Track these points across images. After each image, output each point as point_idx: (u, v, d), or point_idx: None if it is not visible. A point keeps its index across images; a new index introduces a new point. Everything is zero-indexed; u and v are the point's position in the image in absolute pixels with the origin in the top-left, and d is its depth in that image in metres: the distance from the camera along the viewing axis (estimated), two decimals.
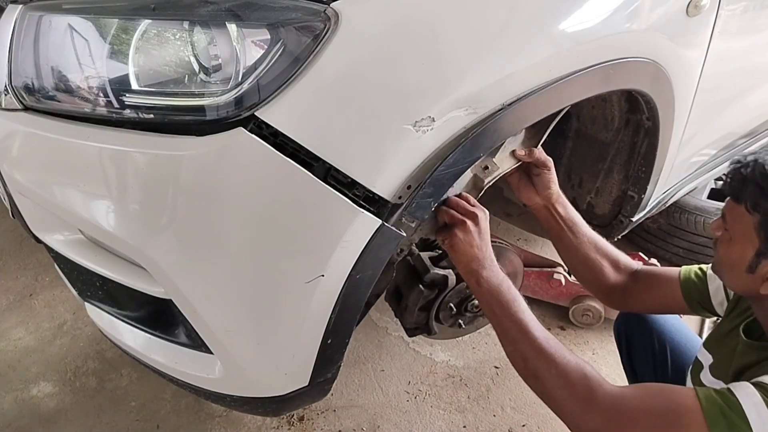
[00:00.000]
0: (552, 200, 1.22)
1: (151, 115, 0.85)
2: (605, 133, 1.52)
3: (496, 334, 1.00)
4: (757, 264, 0.87)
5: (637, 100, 1.29)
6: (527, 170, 1.23)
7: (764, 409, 0.76)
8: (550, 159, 1.20)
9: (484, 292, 1.01)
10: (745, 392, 0.80)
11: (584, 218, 1.19)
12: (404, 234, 0.95)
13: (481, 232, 1.05)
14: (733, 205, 0.91)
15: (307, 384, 1.07)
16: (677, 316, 1.34)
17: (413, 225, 0.95)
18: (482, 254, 1.03)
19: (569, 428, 0.91)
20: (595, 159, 1.59)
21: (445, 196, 1.07)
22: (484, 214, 1.07)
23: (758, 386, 0.80)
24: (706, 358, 1.08)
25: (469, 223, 1.04)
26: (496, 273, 1.02)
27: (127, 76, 0.85)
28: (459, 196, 1.11)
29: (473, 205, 1.08)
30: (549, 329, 1.99)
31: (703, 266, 1.16)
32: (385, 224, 0.91)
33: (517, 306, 0.98)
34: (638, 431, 0.85)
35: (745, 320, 1.02)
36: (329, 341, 1.00)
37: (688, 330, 1.32)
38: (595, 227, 1.67)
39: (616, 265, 1.24)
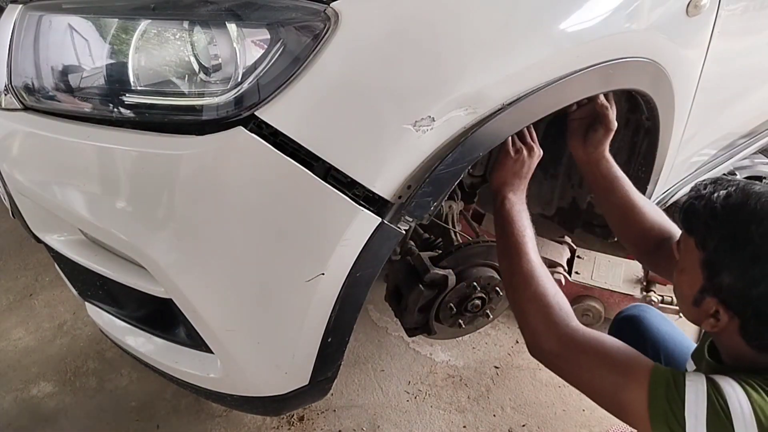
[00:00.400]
0: (595, 158, 1.22)
1: (151, 115, 0.85)
2: None
3: (497, 252, 1.09)
4: (701, 300, 0.86)
5: (637, 100, 1.29)
6: (589, 122, 1.22)
7: (703, 396, 0.78)
8: (615, 123, 1.21)
9: (503, 210, 1.09)
10: (694, 380, 0.81)
11: (585, 218, 1.19)
12: (404, 232, 0.95)
13: (527, 165, 1.13)
14: (686, 237, 0.89)
15: (307, 383, 1.07)
16: (672, 323, 1.32)
17: (412, 223, 0.96)
18: (518, 182, 1.12)
19: (528, 345, 0.98)
20: None
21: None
22: (538, 153, 1.15)
23: (710, 380, 0.81)
24: (692, 368, 1.06)
25: (525, 152, 1.11)
26: (520, 201, 1.11)
27: (127, 75, 0.85)
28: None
29: (534, 142, 1.15)
30: None
31: None
32: (385, 222, 0.91)
33: (525, 232, 1.05)
34: (585, 364, 0.89)
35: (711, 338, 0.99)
36: (329, 340, 1.01)
37: (684, 338, 1.29)
38: (595, 227, 1.67)
39: (652, 229, 1.21)
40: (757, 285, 0.78)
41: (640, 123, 1.38)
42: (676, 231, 1.18)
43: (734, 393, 0.78)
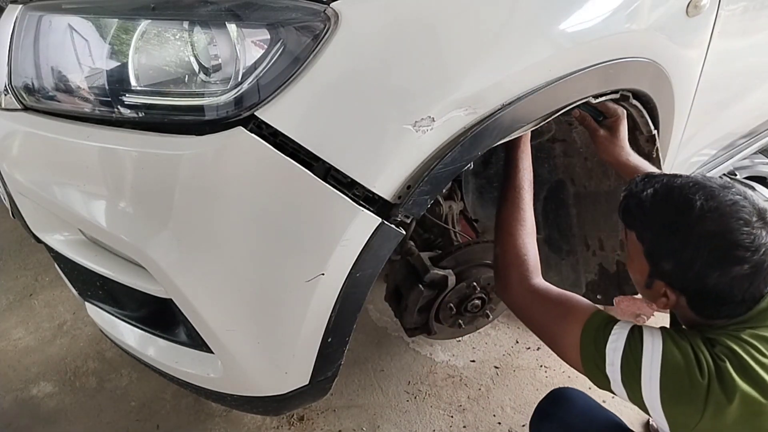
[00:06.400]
0: (617, 158, 1.26)
1: (151, 115, 0.85)
2: (607, 181, 1.48)
3: (499, 197, 1.18)
4: (651, 284, 0.95)
5: (635, 121, 1.28)
6: (600, 129, 1.27)
7: (623, 339, 0.90)
8: (604, 131, 1.26)
9: (515, 159, 1.18)
10: (624, 324, 0.92)
11: (617, 283, 1.19)
12: (404, 233, 0.95)
13: None
14: (628, 231, 0.99)
15: (307, 383, 1.07)
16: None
17: (410, 222, 0.96)
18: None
19: (497, 286, 1.13)
20: (607, 212, 1.53)
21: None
22: None
23: (636, 328, 0.91)
24: None
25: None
26: (527, 154, 1.20)
27: (126, 75, 0.85)
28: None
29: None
30: None
31: None
32: (385, 222, 0.91)
33: (524, 185, 1.15)
34: (538, 309, 1.03)
35: None
36: (329, 340, 1.01)
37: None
38: (630, 285, 1.59)
39: None
40: (692, 266, 0.87)
41: (638, 141, 1.36)
42: None
43: (651, 338, 0.88)
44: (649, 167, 1.26)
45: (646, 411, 0.89)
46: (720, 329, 0.90)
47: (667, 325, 1.02)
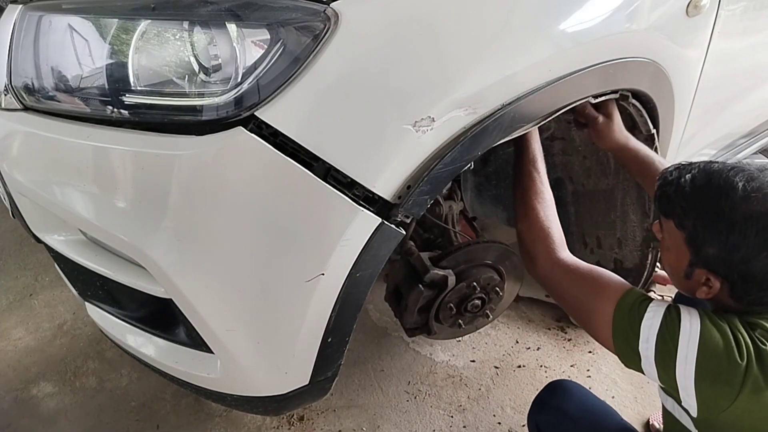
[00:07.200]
0: (616, 145, 1.28)
1: (151, 115, 0.85)
2: (605, 180, 1.49)
3: (512, 184, 1.20)
4: (691, 272, 0.94)
5: (634, 120, 1.29)
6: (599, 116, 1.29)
7: (660, 317, 0.89)
8: (602, 117, 1.27)
9: (528, 146, 1.20)
10: (659, 303, 0.92)
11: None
12: (404, 233, 0.95)
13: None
14: (665, 220, 0.98)
15: (307, 383, 1.07)
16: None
17: (410, 222, 0.96)
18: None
19: (525, 264, 1.11)
20: (605, 210, 1.54)
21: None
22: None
23: (674, 307, 0.90)
24: None
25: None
26: (537, 142, 1.22)
27: (126, 76, 0.85)
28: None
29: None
30: (549, 329, 2.00)
31: None
32: (385, 222, 0.91)
33: (538, 166, 1.18)
34: (568, 283, 1.02)
35: None
36: (329, 340, 1.01)
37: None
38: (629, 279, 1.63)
39: None
40: (738, 250, 0.86)
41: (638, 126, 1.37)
42: None
43: (689, 317, 0.87)
44: (647, 149, 1.27)
45: (674, 391, 0.88)
46: (757, 315, 0.89)
47: None
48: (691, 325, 0.86)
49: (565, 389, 1.30)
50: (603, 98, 1.17)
